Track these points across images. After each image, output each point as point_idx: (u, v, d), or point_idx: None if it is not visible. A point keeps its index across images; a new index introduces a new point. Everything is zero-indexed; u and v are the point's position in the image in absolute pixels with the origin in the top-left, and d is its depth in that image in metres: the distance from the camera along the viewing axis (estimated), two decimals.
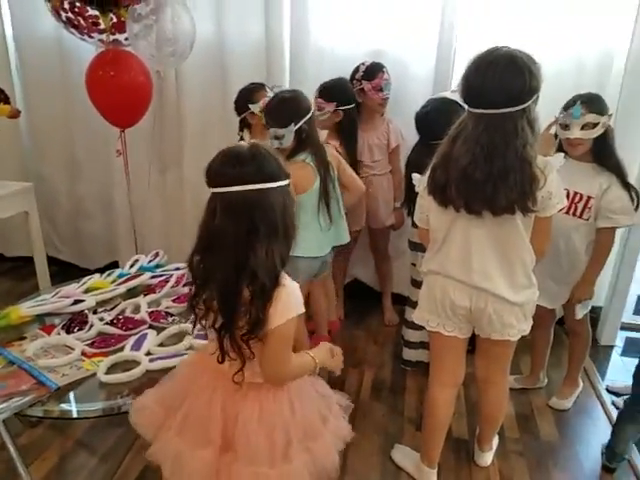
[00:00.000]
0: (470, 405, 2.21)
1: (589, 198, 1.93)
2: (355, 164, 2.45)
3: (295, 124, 1.91)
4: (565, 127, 1.92)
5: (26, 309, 1.85)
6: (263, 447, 1.18)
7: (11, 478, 1.64)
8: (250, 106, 2.13)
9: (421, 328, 1.75)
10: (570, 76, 2.42)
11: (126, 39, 2.43)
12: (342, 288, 2.95)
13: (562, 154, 1.51)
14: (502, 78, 1.36)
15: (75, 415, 1.46)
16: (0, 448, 1.55)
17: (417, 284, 2.15)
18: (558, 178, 1.47)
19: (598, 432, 2.09)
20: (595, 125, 1.86)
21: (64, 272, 3.20)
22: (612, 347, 2.73)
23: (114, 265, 3.14)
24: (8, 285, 3.19)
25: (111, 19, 2.41)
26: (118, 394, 1.46)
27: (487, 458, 1.93)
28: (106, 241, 3.29)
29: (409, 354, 2.44)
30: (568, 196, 1.95)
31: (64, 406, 1.45)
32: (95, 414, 1.46)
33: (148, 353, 1.62)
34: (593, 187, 1.91)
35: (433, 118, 2.07)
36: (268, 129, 1.95)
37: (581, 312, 2.06)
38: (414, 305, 1.78)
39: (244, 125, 2.29)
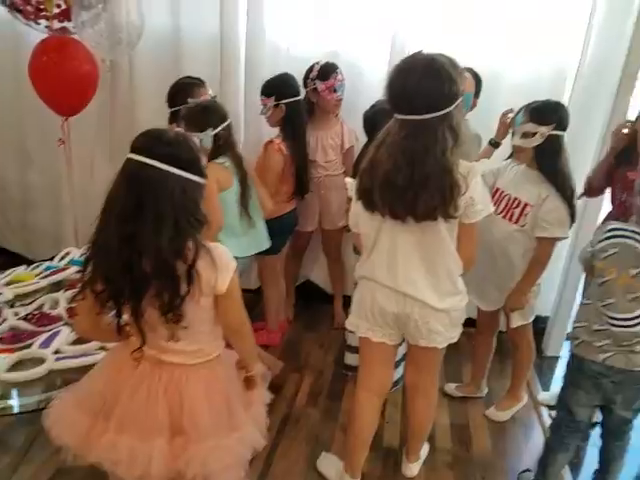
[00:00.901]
0: (405, 415, 2.17)
1: (526, 205, 1.91)
2: (304, 162, 2.42)
3: (213, 129, 1.96)
4: (512, 134, 1.93)
5: None
6: (212, 424, 1.24)
7: None
8: (190, 100, 2.09)
9: None
10: (527, 90, 2.36)
11: (74, 27, 2.37)
12: (293, 289, 2.92)
13: (486, 159, 1.48)
14: (420, 84, 1.35)
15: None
16: None
17: None
18: (482, 184, 1.45)
19: (532, 445, 2.08)
20: (534, 134, 1.84)
21: (14, 263, 3.10)
22: (557, 358, 2.71)
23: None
24: None
25: (58, 5, 2.34)
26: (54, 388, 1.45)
27: (414, 469, 1.90)
28: (53, 233, 3.19)
29: (350, 358, 2.40)
30: (508, 201, 1.94)
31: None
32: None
33: (57, 351, 1.58)
34: (532, 195, 1.90)
35: (379, 119, 2.01)
36: None
37: (516, 321, 2.04)
38: None
39: (176, 118, 2.22)
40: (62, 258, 2.19)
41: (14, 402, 1.45)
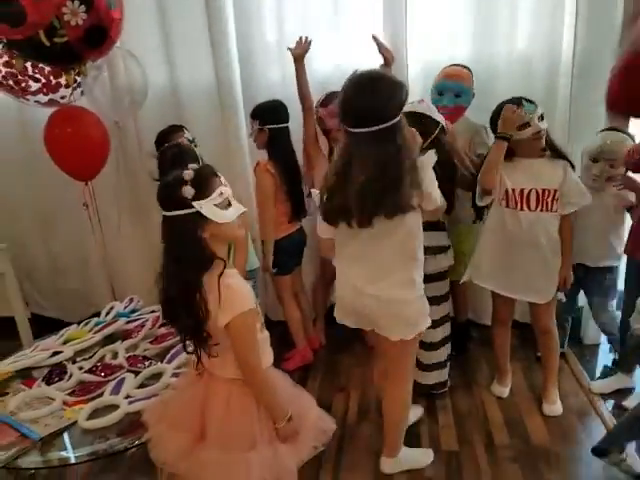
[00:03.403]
0: (457, 416, 2.21)
1: (555, 191, 2.00)
2: (295, 184, 2.49)
3: None
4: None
5: (6, 365, 1.88)
6: (228, 437, 1.31)
7: None
8: None
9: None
10: (520, 76, 2.52)
11: (62, 97, 2.47)
12: (323, 316, 2.91)
13: (433, 151, 1.60)
14: (362, 100, 1.49)
15: (73, 461, 1.47)
16: None
17: None
18: (431, 174, 1.57)
19: (590, 434, 2.06)
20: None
21: (52, 329, 3.16)
22: (597, 345, 2.70)
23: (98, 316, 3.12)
24: None
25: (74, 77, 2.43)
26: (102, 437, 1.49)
27: (385, 465, 1.93)
28: (86, 293, 3.27)
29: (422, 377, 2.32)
30: (537, 194, 2.00)
31: (63, 454, 1.47)
32: (90, 458, 1.46)
33: (127, 396, 1.65)
34: (553, 180, 2.00)
35: None
36: None
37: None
38: None
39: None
40: (107, 313, 2.27)
41: (70, 454, 1.49)
